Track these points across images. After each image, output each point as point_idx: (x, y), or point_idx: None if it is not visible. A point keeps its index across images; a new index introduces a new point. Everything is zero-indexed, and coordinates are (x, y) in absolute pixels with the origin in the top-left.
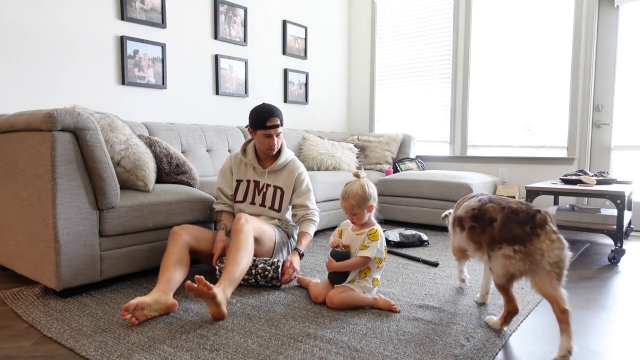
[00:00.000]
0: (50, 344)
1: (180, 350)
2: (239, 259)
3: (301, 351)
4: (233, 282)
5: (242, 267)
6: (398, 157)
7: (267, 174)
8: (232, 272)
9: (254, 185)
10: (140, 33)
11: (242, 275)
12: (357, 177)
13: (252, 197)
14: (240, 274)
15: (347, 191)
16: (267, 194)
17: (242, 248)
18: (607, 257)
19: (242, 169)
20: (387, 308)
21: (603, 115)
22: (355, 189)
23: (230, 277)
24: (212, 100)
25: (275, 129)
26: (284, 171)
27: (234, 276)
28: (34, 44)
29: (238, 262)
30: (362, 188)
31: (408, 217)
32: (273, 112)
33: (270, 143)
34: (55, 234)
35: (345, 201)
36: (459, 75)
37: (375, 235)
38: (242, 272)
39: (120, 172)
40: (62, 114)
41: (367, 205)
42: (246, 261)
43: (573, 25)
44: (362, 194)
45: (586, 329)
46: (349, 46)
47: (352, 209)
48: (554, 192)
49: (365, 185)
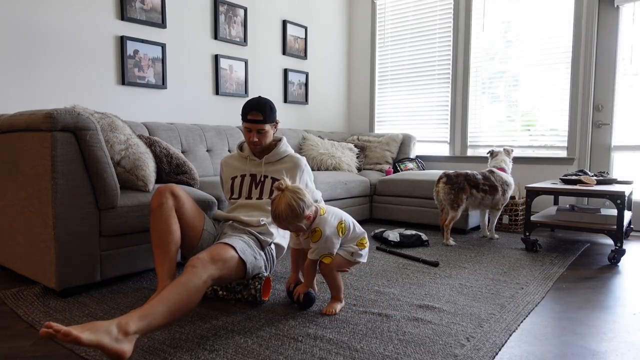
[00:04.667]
0: (50, 344)
1: (180, 351)
2: (174, 297)
3: (301, 351)
4: (146, 317)
5: (171, 307)
6: (398, 157)
7: (264, 164)
8: (152, 305)
9: (250, 179)
10: (140, 33)
11: (165, 318)
12: (279, 190)
13: (249, 192)
14: (163, 314)
15: (276, 214)
16: (264, 186)
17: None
18: (607, 257)
19: (237, 164)
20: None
21: (603, 115)
22: (284, 210)
23: (146, 311)
24: (212, 100)
25: (256, 125)
26: (283, 163)
27: (151, 310)
28: (34, 44)
29: (170, 297)
30: (289, 207)
31: (408, 217)
32: (257, 107)
33: (250, 138)
34: (55, 234)
35: (279, 223)
36: (459, 75)
37: (315, 236)
38: (169, 314)
39: (120, 172)
40: (62, 114)
41: (302, 219)
42: (181, 303)
43: (573, 26)
44: (291, 214)
45: (586, 329)
46: (349, 46)
47: (288, 228)
48: (554, 192)
49: (292, 202)
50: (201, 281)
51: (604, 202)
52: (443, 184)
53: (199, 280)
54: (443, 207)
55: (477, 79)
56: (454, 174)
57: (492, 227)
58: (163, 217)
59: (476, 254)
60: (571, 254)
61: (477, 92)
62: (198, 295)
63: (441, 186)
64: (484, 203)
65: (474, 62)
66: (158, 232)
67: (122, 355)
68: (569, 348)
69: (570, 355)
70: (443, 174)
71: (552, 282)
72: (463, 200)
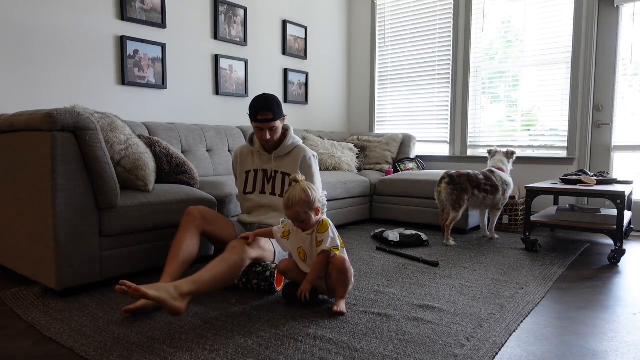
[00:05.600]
0: (50, 344)
1: (180, 350)
2: (218, 268)
3: (301, 351)
4: (196, 283)
5: (215, 275)
6: (398, 157)
7: (274, 159)
8: (200, 274)
9: (263, 174)
10: (140, 33)
11: (211, 285)
12: (296, 182)
13: (262, 186)
14: (210, 280)
15: (290, 198)
16: (276, 181)
17: (227, 265)
18: (607, 257)
19: (250, 158)
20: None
21: (603, 115)
22: (298, 194)
23: (196, 278)
24: (212, 100)
25: (267, 123)
26: (290, 156)
27: (200, 277)
28: (34, 44)
29: (214, 268)
30: (304, 192)
31: (408, 217)
32: (265, 106)
33: (262, 136)
34: (55, 234)
35: (290, 209)
36: (459, 75)
37: (323, 226)
38: (214, 281)
39: (120, 172)
40: (62, 114)
41: (313, 208)
42: (224, 273)
43: (573, 26)
44: (305, 198)
45: (586, 329)
46: (349, 46)
47: (298, 216)
48: (554, 192)
49: (307, 188)
50: (240, 258)
51: (604, 202)
52: (446, 184)
53: (237, 257)
54: (444, 207)
55: (477, 79)
56: (456, 174)
57: (492, 227)
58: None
59: (476, 254)
60: (571, 254)
61: (477, 92)
62: (238, 269)
63: (443, 186)
64: (485, 203)
65: (473, 62)
66: (175, 241)
67: (179, 311)
68: (569, 348)
69: (570, 355)
70: (445, 174)
71: (552, 282)
72: (465, 201)
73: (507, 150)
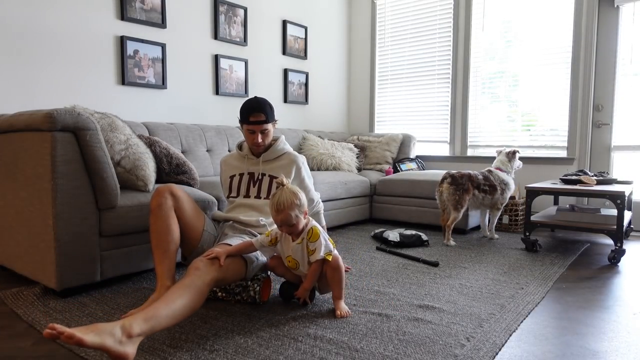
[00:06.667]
0: (50, 344)
1: (180, 351)
2: (178, 300)
3: (301, 351)
4: (150, 320)
5: (175, 310)
6: (398, 157)
7: (262, 162)
8: (156, 307)
9: (249, 177)
10: (140, 33)
11: (169, 320)
12: (281, 185)
13: (247, 190)
14: (168, 315)
15: (280, 202)
16: (262, 184)
17: (189, 295)
18: (607, 257)
19: (236, 163)
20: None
21: (603, 115)
22: (289, 197)
23: (150, 313)
24: (212, 100)
25: (259, 125)
26: (281, 160)
27: (155, 312)
28: (34, 44)
29: (173, 300)
30: (294, 195)
31: (408, 217)
32: (258, 107)
33: (254, 139)
34: (55, 234)
35: (282, 213)
36: (459, 75)
37: (314, 235)
38: (173, 316)
39: (120, 172)
40: (62, 114)
41: (302, 211)
42: (185, 305)
43: (573, 26)
44: (296, 201)
45: (586, 329)
46: (349, 46)
47: (289, 220)
48: (554, 192)
49: (296, 191)
50: (204, 283)
51: (604, 202)
52: (447, 185)
53: (201, 282)
54: (445, 207)
55: (477, 79)
56: (458, 174)
57: (492, 227)
58: (162, 217)
59: (476, 254)
60: (571, 254)
61: (477, 92)
62: (201, 297)
63: (445, 186)
64: (484, 203)
65: (474, 62)
66: (157, 232)
67: (125, 358)
68: (569, 348)
69: (570, 355)
70: (447, 174)
71: (552, 282)
72: (466, 201)
73: (508, 151)
